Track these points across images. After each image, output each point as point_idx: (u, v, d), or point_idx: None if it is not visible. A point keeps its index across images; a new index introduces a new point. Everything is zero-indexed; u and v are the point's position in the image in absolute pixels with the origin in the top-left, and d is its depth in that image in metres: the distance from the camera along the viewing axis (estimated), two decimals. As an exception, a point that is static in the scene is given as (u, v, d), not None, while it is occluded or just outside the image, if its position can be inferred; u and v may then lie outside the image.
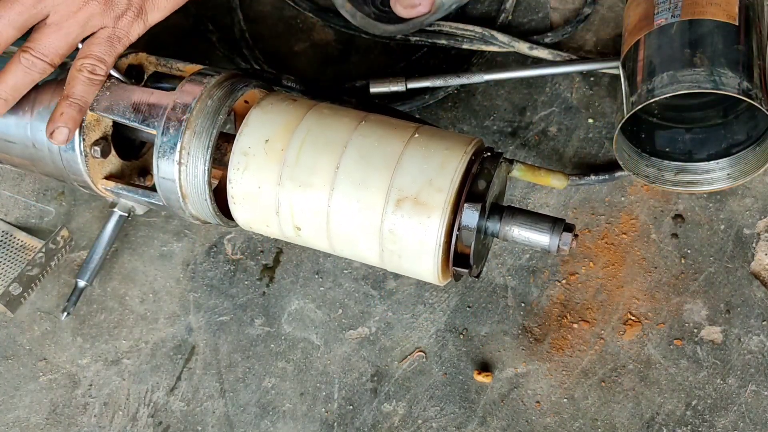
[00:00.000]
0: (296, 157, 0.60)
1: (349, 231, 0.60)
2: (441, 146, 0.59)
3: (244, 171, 0.61)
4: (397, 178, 0.58)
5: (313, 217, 0.60)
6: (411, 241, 0.58)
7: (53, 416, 0.73)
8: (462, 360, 0.73)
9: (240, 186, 0.62)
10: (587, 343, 0.72)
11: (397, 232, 0.58)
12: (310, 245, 0.64)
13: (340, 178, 0.59)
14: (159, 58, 0.69)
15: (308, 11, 0.87)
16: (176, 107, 0.63)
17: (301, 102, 0.63)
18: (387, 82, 0.82)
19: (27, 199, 0.81)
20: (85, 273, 0.74)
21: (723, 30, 0.69)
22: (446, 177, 0.57)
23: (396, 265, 0.61)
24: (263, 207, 0.62)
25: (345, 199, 0.59)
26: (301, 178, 0.59)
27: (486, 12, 0.86)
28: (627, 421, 0.70)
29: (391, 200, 0.57)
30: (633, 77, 0.71)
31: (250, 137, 0.62)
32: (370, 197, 0.58)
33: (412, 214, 0.57)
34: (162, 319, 0.76)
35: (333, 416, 0.71)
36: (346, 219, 0.59)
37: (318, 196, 0.59)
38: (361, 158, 0.58)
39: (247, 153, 0.61)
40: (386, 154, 0.58)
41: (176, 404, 0.73)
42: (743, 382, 0.71)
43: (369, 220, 0.58)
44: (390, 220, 0.58)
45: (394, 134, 0.60)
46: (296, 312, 0.76)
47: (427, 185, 0.57)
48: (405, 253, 0.59)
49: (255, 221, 0.63)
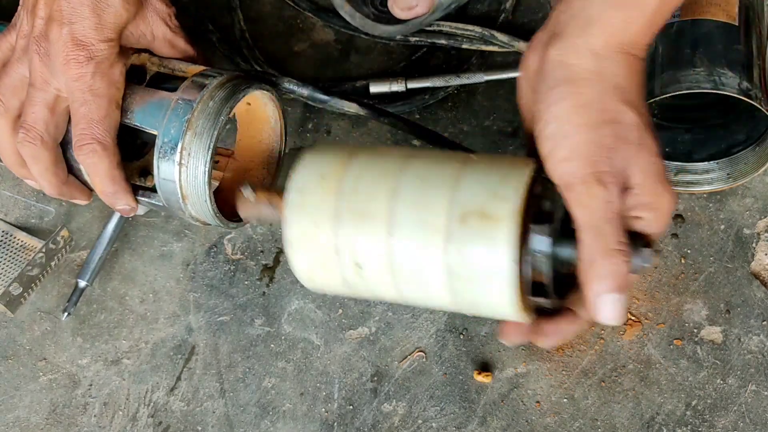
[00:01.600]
0: (353, 187, 0.57)
1: (413, 258, 0.55)
2: (500, 164, 0.56)
3: (300, 209, 0.58)
4: (459, 194, 0.54)
5: (373, 249, 0.56)
6: (481, 260, 0.54)
7: (53, 416, 0.73)
8: (462, 360, 0.73)
9: (297, 226, 0.58)
10: (587, 343, 0.73)
11: (464, 251, 0.54)
12: (374, 292, 0.59)
13: (400, 202, 0.55)
14: (161, 58, 0.69)
15: (308, 11, 0.87)
16: (177, 108, 0.63)
17: (347, 144, 0.61)
18: (387, 82, 0.82)
19: (27, 199, 0.81)
20: (85, 273, 0.74)
21: (723, 30, 0.69)
22: (509, 187, 0.53)
23: (468, 296, 0.56)
24: (321, 247, 0.57)
25: (407, 225, 0.55)
26: (359, 207, 0.56)
27: (486, 12, 0.86)
28: (627, 421, 0.70)
29: (455, 217, 0.54)
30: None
31: (305, 174, 0.58)
32: (432, 219, 0.54)
33: (478, 229, 0.53)
34: (162, 319, 0.76)
35: (333, 416, 0.72)
36: (410, 246, 0.55)
37: (377, 225, 0.56)
38: (421, 181, 0.55)
39: (302, 190, 0.58)
40: (445, 175, 0.55)
41: (176, 404, 0.73)
42: (743, 382, 0.71)
43: (434, 244, 0.54)
44: (456, 237, 0.54)
45: (450, 157, 0.57)
46: (296, 312, 0.76)
47: (491, 197, 0.54)
48: (475, 277, 0.54)
49: (315, 266, 0.59)
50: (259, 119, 0.73)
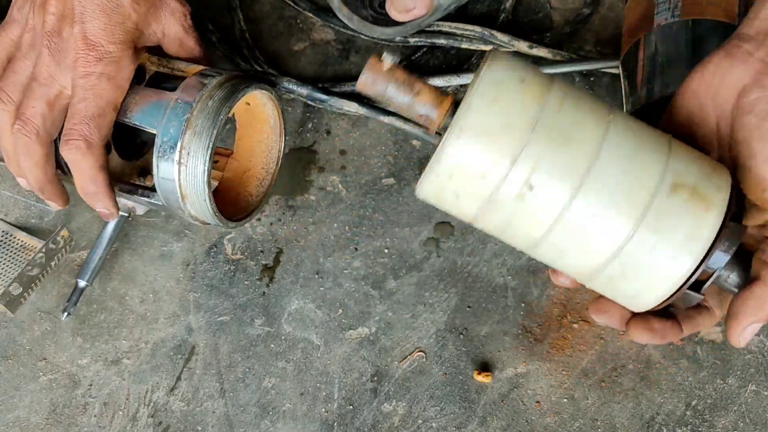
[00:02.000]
0: (558, 106, 0.49)
1: (599, 204, 0.49)
2: (704, 155, 0.53)
3: (492, 102, 0.49)
4: (673, 163, 0.50)
5: (560, 178, 0.49)
6: (679, 231, 0.49)
7: (53, 416, 0.73)
8: (462, 360, 0.73)
9: (482, 118, 0.49)
10: (587, 343, 0.73)
11: (663, 222, 0.49)
12: (511, 223, 0.51)
13: (611, 144, 0.49)
14: (161, 58, 0.69)
15: (308, 11, 0.87)
16: (177, 107, 0.64)
17: None
18: (387, 82, 0.82)
19: (27, 199, 0.81)
20: (85, 273, 0.74)
21: (723, 30, 0.69)
22: (723, 178, 0.51)
23: (637, 258, 0.50)
24: (498, 150, 0.49)
25: (610, 168, 0.49)
26: (564, 129, 0.49)
27: (486, 12, 0.86)
28: (627, 421, 0.70)
29: (666, 183, 0.49)
30: (633, 77, 0.71)
31: (503, 71, 0.50)
32: (642, 172, 0.49)
33: (689, 204, 0.50)
34: (162, 319, 0.76)
35: (333, 416, 0.72)
36: (602, 192, 0.49)
37: (579, 154, 0.49)
38: (633, 133, 0.50)
39: (500, 84, 0.49)
40: (655, 139, 0.51)
41: (176, 404, 0.73)
42: (743, 382, 0.71)
43: (637, 196, 0.49)
44: (662, 201, 0.49)
45: (653, 130, 0.53)
46: (296, 312, 0.76)
47: (706, 179, 0.50)
48: (665, 245, 0.50)
49: (472, 165, 0.49)
50: (258, 119, 0.73)
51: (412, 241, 0.78)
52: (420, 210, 0.79)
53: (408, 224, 0.79)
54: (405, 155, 0.81)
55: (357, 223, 0.79)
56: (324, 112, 0.83)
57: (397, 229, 0.78)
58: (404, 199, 0.80)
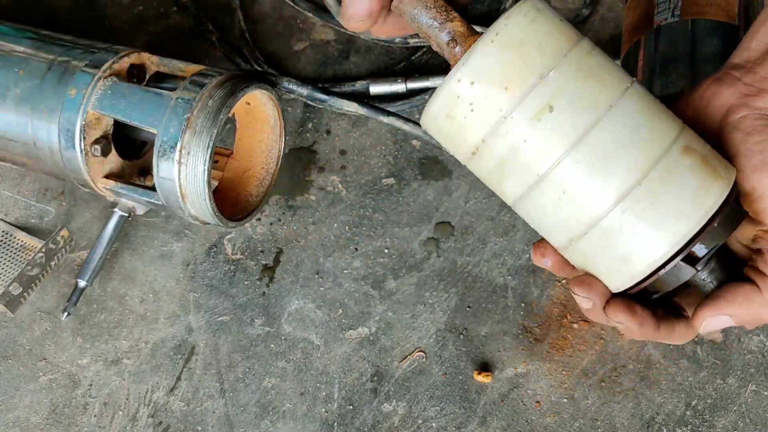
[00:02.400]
0: (590, 49, 0.49)
1: (614, 140, 0.47)
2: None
3: (531, 22, 0.48)
4: (686, 131, 0.50)
5: (580, 107, 0.47)
6: (683, 192, 0.48)
7: (53, 416, 0.73)
8: (462, 360, 0.73)
9: (521, 31, 0.48)
10: (587, 343, 0.73)
11: (672, 176, 0.48)
12: (514, 160, 0.48)
13: (631, 93, 0.48)
14: (161, 58, 0.69)
15: (308, 11, 0.87)
16: (177, 107, 0.64)
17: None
18: (387, 82, 0.82)
19: (27, 199, 0.81)
20: (85, 273, 0.74)
21: (723, 30, 0.69)
22: (729, 165, 0.51)
23: (640, 210, 0.48)
24: (530, 63, 0.47)
25: (633, 111, 0.48)
26: (592, 66, 0.48)
27: (486, 12, 0.86)
28: (627, 421, 0.70)
29: (680, 142, 0.49)
30: (633, 77, 0.71)
31: (545, 4, 0.50)
32: (657, 127, 0.48)
33: (697, 168, 0.48)
34: (162, 319, 0.76)
35: (333, 416, 0.71)
36: (627, 128, 0.47)
37: (602, 92, 0.48)
38: (646, 100, 0.50)
39: (540, 11, 0.49)
40: (670, 112, 0.51)
41: (176, 404, 0.73)
42: (743, 382, 0.71)
43: (652, 144, 0.48)
44: (673, 158, 0.48)
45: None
46: (296, 312, 0.76)
47: (713, 156, 0.50)
48: (668, 201, 0.48)
49: (500, 72, 0.47)
50: (258, 119, 0.73)
51: (412, 241, 0.78)
52: (420, 210, 0.79)
53: (408, 224, 0.79)
54: (405, 155, 0.81)
55: (357, 223, 0.79)
56: (324, 112, 0.83)
57: (397, 229, 0.78)
58: (404, 199, 0.80)
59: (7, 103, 0.69)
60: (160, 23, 0.91)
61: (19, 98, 0.69)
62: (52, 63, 0.69)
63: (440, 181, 0.80)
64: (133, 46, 0.71)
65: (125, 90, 0.66)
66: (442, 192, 0.80)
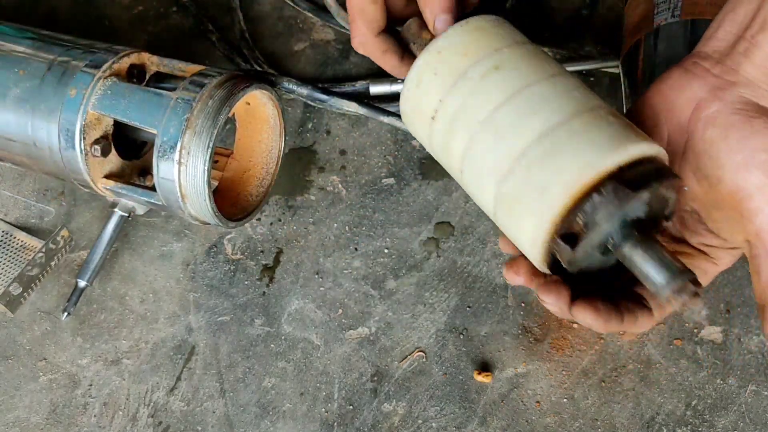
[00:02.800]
0: (533, 49, 0.57)
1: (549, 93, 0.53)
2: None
3: (491, 21, 0.58)
4: (592, 97, 0.54)
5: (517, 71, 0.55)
6: (602, 132, 0.51)
7: (53, 416, 0.73)
8: (462, 360, 0.73)
9: (482, 22, 0.58)
10: (587, 343, 0.73)
11: (595, 122, 0.51)
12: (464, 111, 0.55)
13: (565, 75, 0.55)
14: (161, 58, 0.69)
15: (308, 11, 0.87)
16: (177, 107, 0.64)
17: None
18: (387, 82, 0.82)
19: (27, 199, 0.81)
20: (85, 273, 0.74)
21: (723, 30, 0.69)
22: (643, 136, 0.52)
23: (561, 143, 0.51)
24: (486, 41, 0.56)
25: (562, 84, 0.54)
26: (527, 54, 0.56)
27: (486, 12, 0.86)
28: (627, 421, 0.70)
29: (606, 108, 0.52)
30: (633, 77, 0.71)
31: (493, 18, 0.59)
32: (589, 95, 0.53)
33: (620, 125, 0.51)
34: (162, 319, 0.76)
35: (333, 416, 0.71)
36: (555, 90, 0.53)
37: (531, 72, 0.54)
38: (581, 83, 0.55)
39: (492, 19, 0.58)
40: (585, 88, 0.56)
41: (176, 404, 0.73)
42: (743, 382, 0.71)
43: (579, 102, 0.52)
44: (598, 113, 0.52)
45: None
46: (296, 312, 0.76)
47: (638, 129, 0.52)
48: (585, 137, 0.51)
49: (463, 45, 0.57)
50: (258, 119, 0.73)
51: (412, 241, 0.78)
52: (420, 210, 0.79)
53: (408, 224, 0.79)
54: (405, 155, 0.81)
55: (357, 223, 0.79)
56: (324, 112, 0.83)
57: (397, 229, 0.78)
58: (404, 199, 0.80)
59: (7, 103, 0.70)
60: (160, 23, 0.91)
61: (19, 98, 0.69)
62: (52, 63, 0.69)
63: (440, 181, 0.80)
64: (133, 46, 0.71)
65: (125, 90, 0.66)
66: (442, 192, 0.80)
